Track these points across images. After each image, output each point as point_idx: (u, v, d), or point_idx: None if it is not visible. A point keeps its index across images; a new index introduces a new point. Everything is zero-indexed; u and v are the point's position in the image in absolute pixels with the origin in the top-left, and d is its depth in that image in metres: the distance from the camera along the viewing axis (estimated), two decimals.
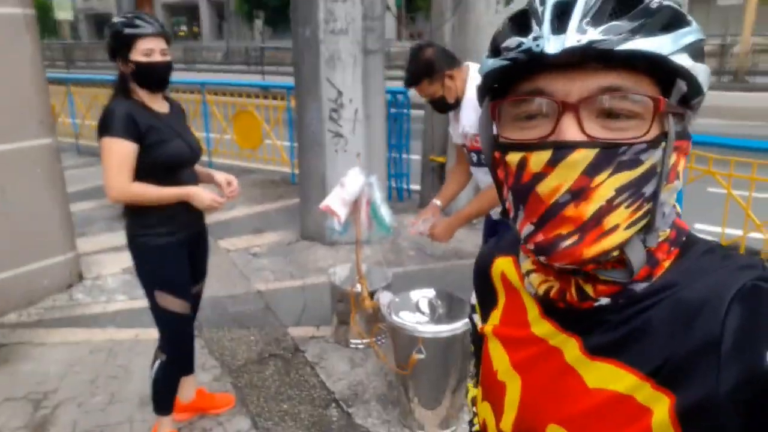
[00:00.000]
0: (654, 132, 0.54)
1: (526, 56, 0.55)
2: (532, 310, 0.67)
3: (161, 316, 2.25)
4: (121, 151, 2.02)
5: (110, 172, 2.02)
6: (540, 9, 0.56)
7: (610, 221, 0.54)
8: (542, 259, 0.57)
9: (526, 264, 0.67)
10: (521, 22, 0.58)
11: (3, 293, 3.50)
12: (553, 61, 0.54)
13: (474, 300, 0.83)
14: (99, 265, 4.26)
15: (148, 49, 2.03)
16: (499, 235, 0.87)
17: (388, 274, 3.25)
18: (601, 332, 0.59)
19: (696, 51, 0.55)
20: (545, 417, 0.63)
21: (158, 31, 2.06)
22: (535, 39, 0.54)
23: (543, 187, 0.55)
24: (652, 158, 0.54)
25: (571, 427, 0.60)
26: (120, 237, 5.07)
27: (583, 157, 0.53)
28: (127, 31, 2.03)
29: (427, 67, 2.32)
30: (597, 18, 0.53)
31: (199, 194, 2.11)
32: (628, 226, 0.55)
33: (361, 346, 3.18)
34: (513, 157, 0.57)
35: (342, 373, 2.97)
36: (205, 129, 7.51)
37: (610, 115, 0.54)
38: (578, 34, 0.53)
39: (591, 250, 0.54)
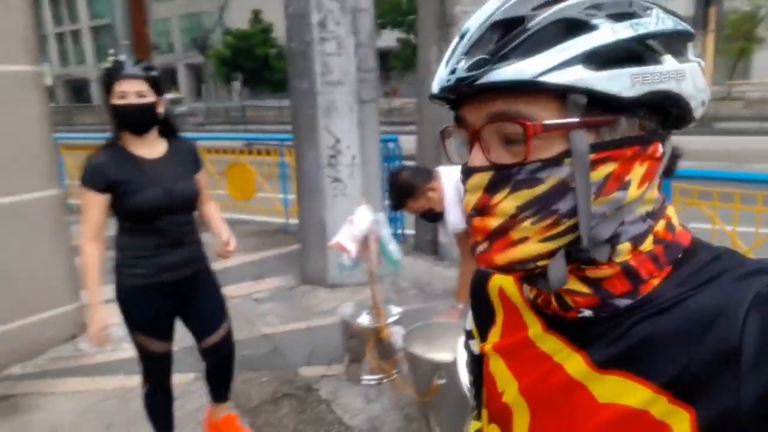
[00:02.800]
0: (555, 150, 0.54)
1: (430, 95, 0.61)
2: (534, 326, 0.66)
3: (138, 352, 2.33)
4: (87, 201, 2.10)
5: (81, 218, 2.13)
6: (453, 44, 0.59)
7: (516, 234, 0.57)
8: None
9: None
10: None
11: (7, 345, 3.47)
12: (464, 93, 0.57)
13: (469, 326, 0.82)
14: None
15: (122, 92, 2.04)
16: None
17: (395, 310, 3.33)
18: (607, 343, 0.58)
19: (601, 57, 0.53)
20: None
21: (133, 73, 2.05)
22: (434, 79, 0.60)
23: (464, 202, 0.61)
24: (555, 175, 0.54)
25: None
26: None
27: (480, 180, 0.57)
28: (107, 74, 2.10)
29: (407, 190, 2.56)
30: (473, 51, 0.55)
31: (91, 320, 2.15)
32: (544, 240, 0.56)
33: (373, 382, 3.21)
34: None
35: (358, 408, 2.99)
36: None
37: (505, 138, 0.56)
38: (450, 74, 0.56)
39: (501, 258, 0.58)
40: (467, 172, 0.59)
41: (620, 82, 0.53)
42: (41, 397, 3.20)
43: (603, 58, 0.52)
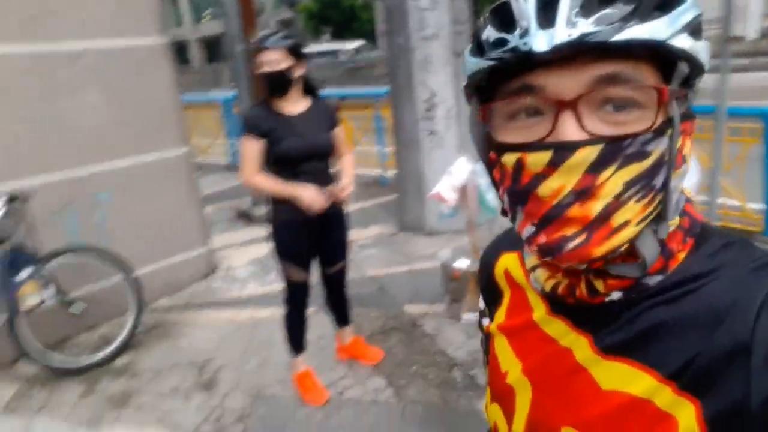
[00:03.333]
0: (659, 120, 0.51)
1: (513, 55, 0.52)
2: (539, 309, 0.65)
3: (282, 278, 2.76)
4: (247, 147, 2.53)
5: (242, 164, 2.57)
6: (518, 2, 0.52)
7: (619, 218, 0.51)
8: (548, 259, 0.55)
9: (531, 260, 0.65)
10: (504, 16, 0.53)
11: (155, 281, 4.06)
12: (545, 57, 0.50)
13: (482, 304, 0.80)
14: (228, 259, 4.81)
15: (263, 62, 2.45)
16: (506, 229, 0.78)
17: None
18: (614, 329, 0.57)
19: (695, 29, 0.52)
20: (558, 420, 0.60)
21: (270, 44, 2.43)
22: (522, 36, 0.51)
23: (544, 189, 0.52)
24: (659, 147, 0.51)
25: (586, 431, 0.58)
26: (240, 234, 5.60)
27: (586, 156, 0.50)
28: (255, 48, 2.55)
29: None
30: (587, 6, 0.49)
31: (301, 196, 2.49)
32: (641, 221, 0.52)
33: (473, 320, 3.48)
34: (509, 158, 0.55)
35: (460, 342, 3.29)
36: None
37: (611, 106, 0.51)
38: (568, 28, 0.49)
39: (600, 249, 0.52)
40: (563, 148, 0.51)
41: (705, 53, 0.53)
42: (185, 327, 3.77)
43: (696, 29, 0.52)
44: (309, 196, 2.49)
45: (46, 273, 3.06)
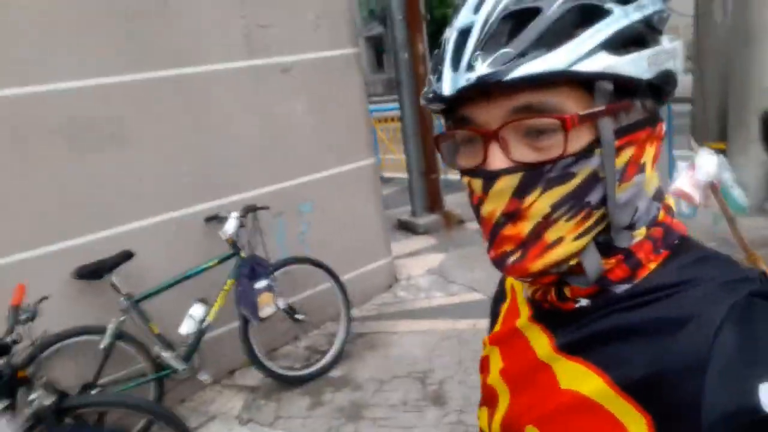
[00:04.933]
0: (584, 140, 0.52)
1: (435, 96, 0.55)
2: (524, 315, 0.67)
3: None
4: None
5: None
6: (447, 41, 0.55)
7: (551, 235, 0.54)
8: (500, 271, 0.59)
9: None
10: (437, 58, 0.56)
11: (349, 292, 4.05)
12: (464, 94, 0.52)
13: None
14: (406, 268, 4.74)
15: None
16: None
17: None
18: (573, 330, 0.58)
19: (619, 41, 0.51)
20: (524, 417, 0.62)
21: None
22: (437, 80, 0.54)
23: (484, 211, 0.56)
24: (587, 167, 0.53)
25: (543, 428, 0.59)
26: (407, 244, 5.53)
27: (508, 183, 0.53)
28: None
29: None
30: (489, 46, 0.51)
31: None
32: (578, 237, 0.54)
33: None
34: (464, 180, 0.58)
35: None
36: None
37: (535, 131, 0.52)
38: (467, 72, 0.51)
39: (536, 264, 0.55)
40: (488, 177, 0.54)
41: (640, 65, 0.52)
42: (387, 336, 3.70)
43: (620, 43, 0.51)
44: None
45: (277, 282, 3.08)
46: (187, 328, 2.98)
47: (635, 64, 0.52)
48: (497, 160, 0.53)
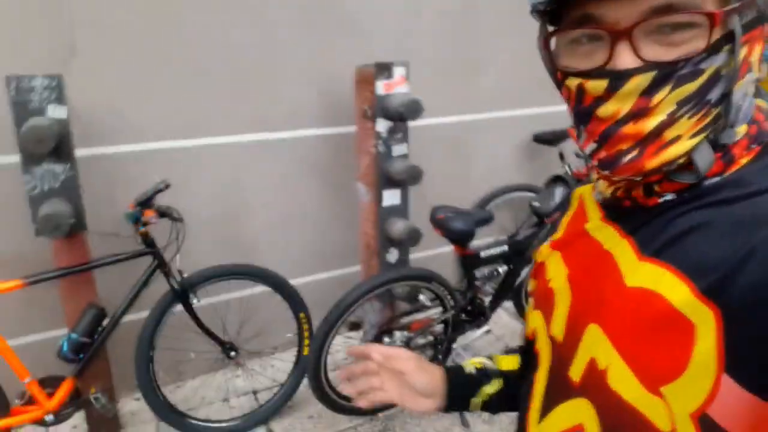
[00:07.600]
0: (714, 37, 0.51)
1: None
2: (594, 217, 0.67)
3: None
4: None
5: None
6: None
7: (671, 133, 0.53)
8: (606, 173, 0.58)
9: (596, 175, 0.68)
10: None
11: None
12: None
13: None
14: None
15: None
16: None
17: None
18: (654, 230, 0.58)
19: None
20: (587, 317, 0.63)
21: None
22: None
23: (602, 111, 0.55)
24: (714, 64, 0.52)
25: (606, 326, 0.59)
26: None
27: (639, 83, 0.52)
28: None
29: None
30: None
31: None
32: (694, 135, 0.54)
33: None
34: (572, 83, 0.57)
35: None
36: None
37: (668, 27, 0.51)
38: None
39: (652, 162, 0.54)
40: (617, 77, 0.53)
41: None
42: None
43: None
44: None
45: None
46: None
47: None
48: (627, 59, 0.53)
